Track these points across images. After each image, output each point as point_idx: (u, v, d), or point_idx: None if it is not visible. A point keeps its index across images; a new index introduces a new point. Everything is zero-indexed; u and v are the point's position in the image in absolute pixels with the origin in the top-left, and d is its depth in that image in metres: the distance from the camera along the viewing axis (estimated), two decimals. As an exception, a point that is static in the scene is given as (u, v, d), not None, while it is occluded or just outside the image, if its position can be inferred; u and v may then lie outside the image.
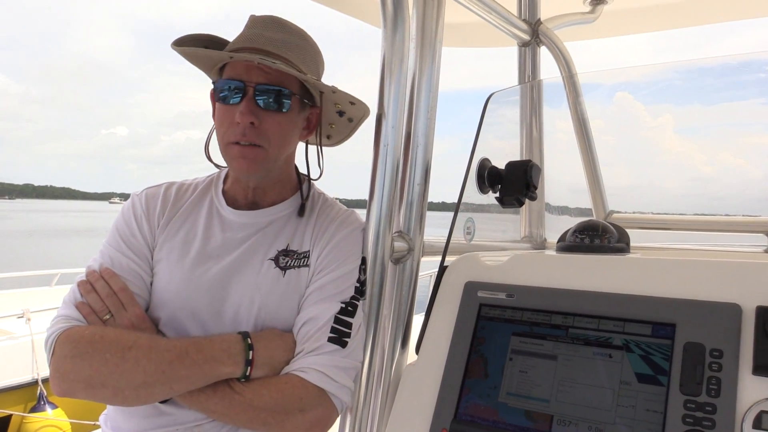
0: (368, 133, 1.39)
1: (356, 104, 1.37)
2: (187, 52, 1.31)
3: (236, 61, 1.27)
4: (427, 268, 1.78)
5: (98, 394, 1.19)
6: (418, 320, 1.40)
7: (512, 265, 1.38)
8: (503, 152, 1.82)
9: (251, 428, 1.22)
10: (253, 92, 1.25)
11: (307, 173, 1.43)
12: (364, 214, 1.36)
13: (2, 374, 5.49)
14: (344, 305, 1.28)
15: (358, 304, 1.30)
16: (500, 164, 1.65)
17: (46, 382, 5.59)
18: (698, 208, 2.21)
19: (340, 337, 1.25)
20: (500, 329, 1.28)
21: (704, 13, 2.33)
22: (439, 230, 1.62)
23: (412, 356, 1.40)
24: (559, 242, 1.56)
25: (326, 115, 1.42)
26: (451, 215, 1.58)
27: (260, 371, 1.21)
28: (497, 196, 1.66)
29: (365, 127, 1.46)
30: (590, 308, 1.22)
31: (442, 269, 1.46)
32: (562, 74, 2.10)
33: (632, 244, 1.56)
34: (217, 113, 1.31)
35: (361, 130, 1.47)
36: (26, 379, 5.64)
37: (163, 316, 1.31)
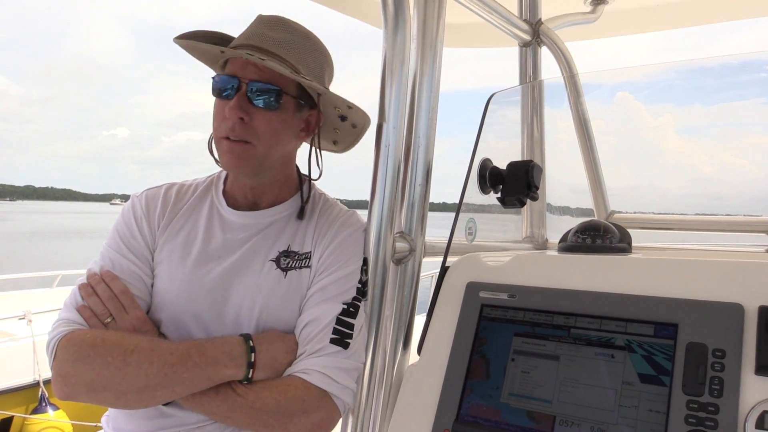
0: (370, 133, 1.39)
1: (353, 108, 1.36)
2: (185, 44, 1.31)
3: (235, 57, 1.28)
4: (428, 268, 1.78)
5: (100, 397, 1.18)
6: (419, 321, 1.40)
7: (514, 265, 1.38)
8: (504, 152, 1.82)
9: (254, 430, 1.22)
10: (246, 89, 1.25)
11: (308, 174, 1.43)
12: (365, 214, 1.36)
13: (4, 376, 5.48)
14: (346, 306, 1.27)
15: (359, 305, 1.29)
16: (501, 164, 1.65)
17: (47, 383, 5.59)
18: (699, 208, 2.21)
19: (342, 338, 1.25)
20: (502, 330, 1.28)
21: (705, 12, 2.32)
22: (439, 231, 1.62)
23: (413, 357, 1.40)
24: (560, 242, 1.56)
25: (330, 119, 1.41)
26: (451, 215, 1.57)
27: (262, 373, 1.21)
28: (498, 196, 1.66)
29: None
30: (592, 308, 1.22)
31: (443, 270, 1.46)
32: (563, 74, 2.10)
33: (634, 244, 1.56)
34: (214, 108, 1.31)
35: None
36: (28, 380, 5.63)
37: (164, 318, 1.30)
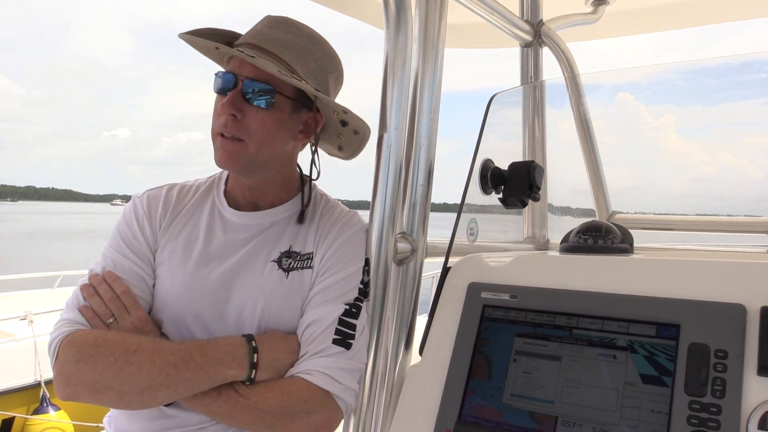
0: (372, 134, 1.39)
1: (348, 113, 1.35)
2: (188, 39, 1.32)
3: (231, 54, 1.29)
4: (430, 269, 1.78)
5: (102, 397, 1.18)
6: (421, 321, 1.40)
7: (516, 266, 1.38)
8: (506, 153, 1.82)
9: (256, 431, 1.22)
10: (241, 86, 1.26)
11: (309, 176, 1.42)
12: (366, 215, 1.36)
13: (5, 376, 5.48)
14: (348, 307, 1.27)
15: (361, 305, 1.29)
16: (503, 165, 1.66)
17: (49, 384, 5.58)
18: (700, 208, 2.21)
19: (344, 338, 1.25)
20: (504, 330, 1.28)
21: (706, 13, 2.32)
22: (440, 231, 1.62)
23: (415, 357, 1.40)
24: (562, 243, 1.56)
25: (332, 124, 1.41)
26: (452, 216, 1.57)
27: (265, 374, 1.21)
28: (500, 197, 1.66)
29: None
30: (594, 309, 1.22)
31: (445, 270, 1.46)
32: (564, 75, 2.10)
33: (635, 244, 1.55)
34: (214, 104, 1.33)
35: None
36: (29, 381, 5.63)
37: (166, 318, 1.30)
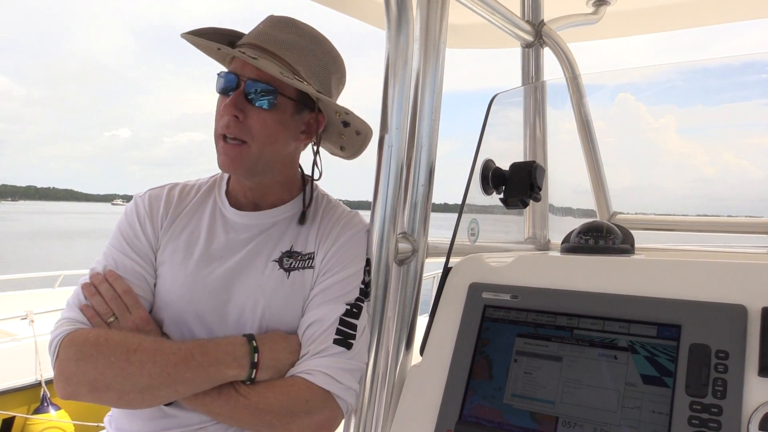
0: (373, 134, 1.39)
1: (350, 115, 1.35)
2: (191, 40, 1.32)
3: (231, 55, 1.29)
4: (431, 269, 1.78)
5: (103, 397, 1.18)
6: (422, 321, 1.40)
7: (517, 266, 1.38)
8: (507, 153, 1.82)
9: (256, 431, 1.22)
10: (244, 87, 1.26)
11: (311, 176, 1.42)
12: (367, 215, 1.36)
13: (5, 376, 5.49)
14: (349, 307, 1.27)
15: (362, 305, 1.29)
16: (504, 165, 1.65)
17: (49, 383, 5.59)
18: (701, 209, 2.21)
19: (345, 338, 1.25)
20: (505, 330, 1.28)
21: (707, 14, 2.32)
22: (441, 231, 1.62)
23: (416, 358, 1.40)
24: (563, 243, 1.56)
25: (334, 124, 1.41)
26: (453, 216, 1.57)
27: (265, 374, 1.21)
28: (501, 197, 1.66)
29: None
30: (595, 309, 1.22)
31: (446, 270, 1.46)
32: (565, 75, 2.10)
33: (636, 245, 1.55)
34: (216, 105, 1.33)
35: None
36: (29, 380, 5.64)
37: (167, 318, 1.30)
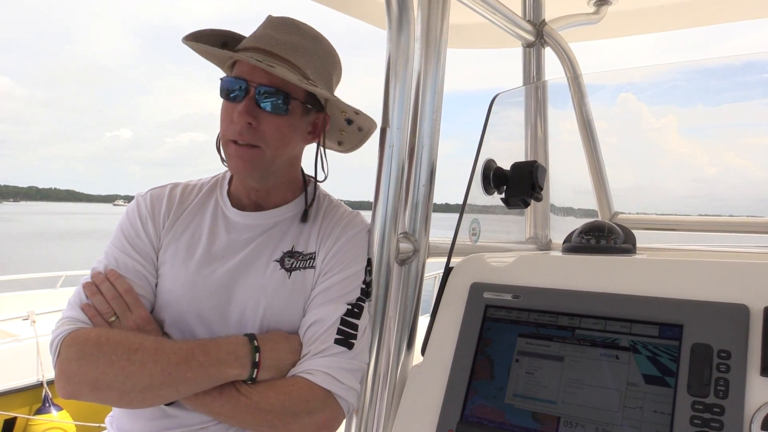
0: (374, 134, 1.39)
1: (360, 115, 1.36)
2: (194, 47, 1.31)
3: (253, 63, 1.26)
4: (432, 269, 1.77)
5: (104, 396, 1.18)
6: (423, 321, 1.40)
7: (518, 266, 1.38)
8: (508, 153, 1.81)
9: (257, 431, 1.22)
10: (254, 92, 1.25)
11: (314, 176, 1.42)
12: (368, 215, 1.36)
13: (7, 376, 5.49)
14: (350, 307, 1.27)
15: (364, 305, 1.29)
16: (505, 165, 1.65)
17: (51, 384, 5.59)
18: (702, 208, 2.20)
19: (346, 338, 1.25)
20: (506, 330, 1.28)
21: (708, 13, 2.32)
22: (442, 231, 1.62)
23: (417, 357, 1.40)
24: (564, 243, 1.55)
25: (335, 121, 1.41)
26: (454, 216, 1.57)
27: (267, 373, 1.21)
28: (502, 197, 1.66)
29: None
30: (597, 309, 1.22)
31: (447, 270, 1.46)
32: (566, 75, 2.10)
33: (638, 245, 1.55)
34: (221, 109, 1.31)
35: (366, 130, 1.47)
36: (31, 381, 5.64)
37: (168, 317, 1.31)
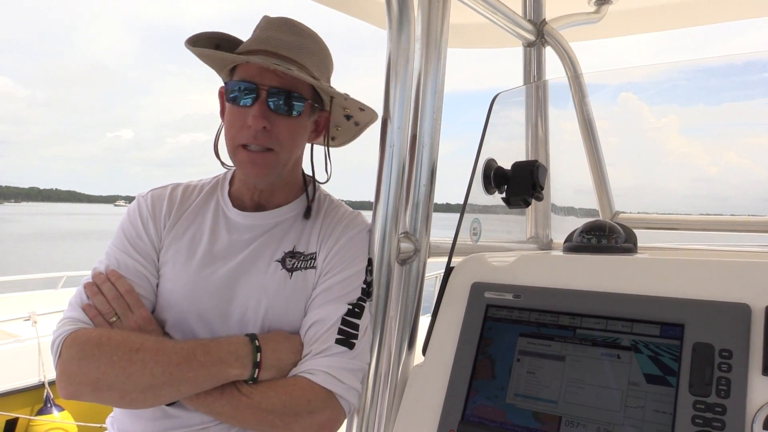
0: (373, 134, 1.39)
1: (365, 110, 1.38)
2: (200, 52, 1.30)
3: (252, 63, 1.26)
4: (433, 269, 1.77)
5: (105, 396, 1.18)
6: (424, 321, 1.40)
7: (519, 265, 1.38)
8: (509, 153, 1.81)
9: (258, 431, 1.22)
10: (266, 95, 1.25)
11: (312, 175, 1.43)
12: (369, 215, 1.36)
13: (9, 377, 5.49)
14: (351, 307, 1.27)
15: (364, 305, 1.29)
16: (506, 165, 1.65)
17: (52, 384, 5.59)
18: (703, 208, 2.20)
19: (347, 338, 1.25)
20: (507, 330, 1.28)
21: (709, 12, 2.32)
22: (443, 231, 1.62)
23: (418, 357, 1.40)
24: (565, 242, 1.55)
25: (334, 118, 1.42)
26: (455, 216, 1.57)
27: (268, 373, 1.21)
28: (503, 196, 1.66)
29: (371, 128, 1.46)
30: (598, 309, 1.21)
31: (448, 270, 1.46)
32: (567, 74, 2.09)
33: (639, 244, 1.55)
34: (227, 114, 1.30)
35: (367, 131, 1.47)
36: (33, 381, 5.64)
37: (169, 318, 1.31)
